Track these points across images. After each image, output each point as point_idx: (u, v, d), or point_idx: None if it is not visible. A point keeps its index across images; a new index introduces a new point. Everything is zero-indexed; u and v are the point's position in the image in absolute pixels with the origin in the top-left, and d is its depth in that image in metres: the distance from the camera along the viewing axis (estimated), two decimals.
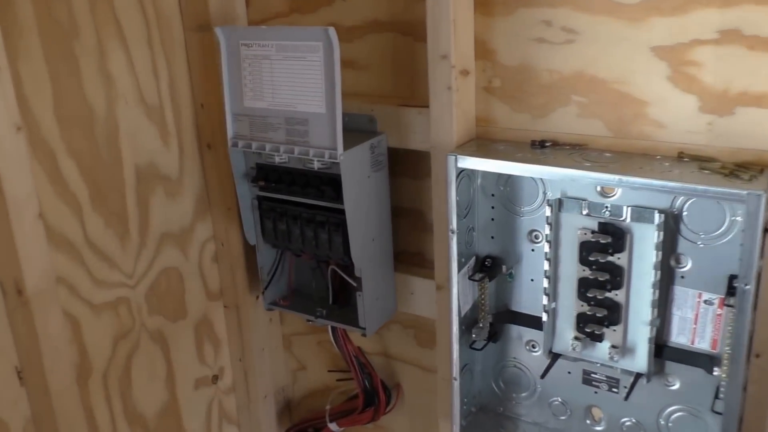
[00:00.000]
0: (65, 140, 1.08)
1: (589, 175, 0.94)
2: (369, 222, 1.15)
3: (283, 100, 1.10)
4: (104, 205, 1.16)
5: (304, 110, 1.08)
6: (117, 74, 1.14)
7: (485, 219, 1.13)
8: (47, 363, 1.07)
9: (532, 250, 1.11)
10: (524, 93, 1.05)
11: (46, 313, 1.06)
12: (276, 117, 1.11)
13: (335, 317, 1.25)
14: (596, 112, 1.00)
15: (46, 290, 1.06)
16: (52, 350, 1.07)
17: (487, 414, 1.24)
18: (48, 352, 1.07)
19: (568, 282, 1.08)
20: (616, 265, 1.03)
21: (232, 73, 1.13)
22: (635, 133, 0.98)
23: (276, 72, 1.09)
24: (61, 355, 1.09)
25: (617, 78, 0.97)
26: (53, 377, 1.08)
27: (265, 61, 1.09)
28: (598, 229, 1.03)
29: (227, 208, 1.31)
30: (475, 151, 1.05)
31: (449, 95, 1.04)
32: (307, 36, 1.04)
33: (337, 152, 1.06)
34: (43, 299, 1.05)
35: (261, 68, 1.10)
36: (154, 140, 1.22)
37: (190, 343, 1.36)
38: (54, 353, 1.08)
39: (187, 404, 1.37)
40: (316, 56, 1.04)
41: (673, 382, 1.06)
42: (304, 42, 1.05)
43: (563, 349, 1.11)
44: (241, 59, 1.12)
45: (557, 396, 1.17)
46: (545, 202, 1.06)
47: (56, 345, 1.08)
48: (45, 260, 1.05)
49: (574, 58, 0.99)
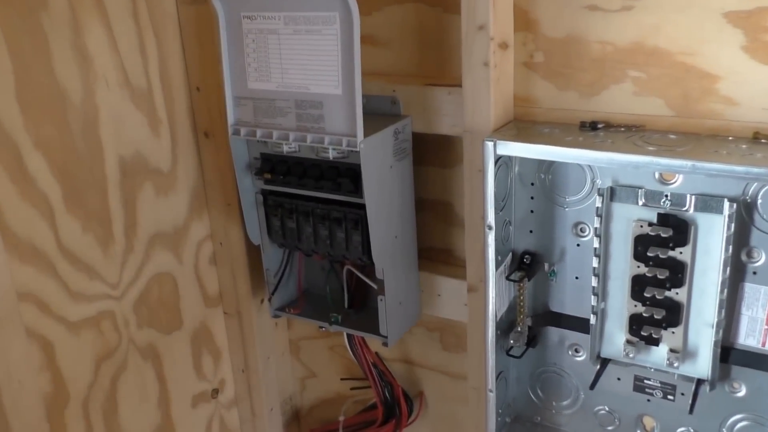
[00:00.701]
0: (31, 130, 0.91)
1: (659, 161, 0.80)
2: (392, 217, 1.00)
3: (293, 81, 0.94)
4: (81, 206, 0.99)
5: (317, 92, 0.92)
6: (95, 52, 0.97)
7: (523, 211, 0.99)
8: (7, 400, 0.90)
9: (577, 245, 0.97)
10: (571, 68, 0.90)
11: (4, 337, 0.89)
12: (285, 100, 0.95)
13: (352, 324, 1.10)
14: (656, 88, 0.86)
15: (5, 310, 0.88)
16: (14, 383, 0.90)
17: (523, 424, 1.10)
18: (8, 386, 0.90)
19: (619, 280, 0.94)
20: (677, 260, 0.89)
21: (232, 51, 0.97)
22: (702, 111, 0.84)
23: (285, 48, 0.93)
24: (25, 388, 0.92)
25: (683, 49, 0.83)
26: (16, 416, 0.91)
27: (272, 36, 0.93)
28: (657, 220, 0.89)
29: (227, 204, 1.15)
30: (516, 135, 0.90)
31: (486, 72, 0.89)
32: (322, 5, 0.88)
33: (356, 139, 0.91)
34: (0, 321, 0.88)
35: (267, 44, 0.94)
36: (141, 128, 1.06)
37: (187, 356, 1.20)
38: (16, 387, 0.91)
39: (184, 424, 1.21)
40: (332, 29, 0.88)
41: (738, 388, 0.93)
42: (318, 12, 0.89)
43: (613, 353, 0.98)
44: (243, 34, 0.95)
45: (604, 405, 1.03)
46: (595, 191, 0.92)
47: (19, 376, 0.91)
48: (3, 275, 0.88)
49: (632, 27, 0.85)
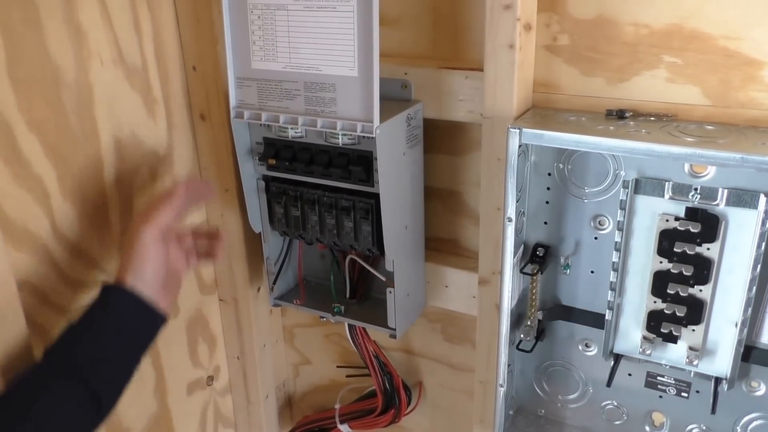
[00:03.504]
0: (24, 110, 0.77)
1: (704, 153, 0.68)
2: (403, 207, 0.88)
3: (303, 62, 0.80)
4: (77, 190, 0.85)
5: (330, 73, 0.79)
6: (89, 27, 0.82)
7: (538, 202, 0.87)
8: None
9: (595, 238, 0.85)
10: (599, 53, 0.78)
11: (5, 327, 0.75)
12: (293, 82, 0.81)
13: (355, 315, 0.98)
14: (693, 75, 0.74)
15: (5, 299, 0.75)
16: (14, 372, 0.77)
17: (526, 417, 0.99)
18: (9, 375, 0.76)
19: (638, 275, 0.83)
20: (703, 257, 0.78)
21: (235, 28, 0.83)
22: (742, 100, 0.73)
23: (294, 25, 0.79)
24: None
25: (727, 33, 0.71)
26: None
27: (280, 12, 0.79)
28: (685, 215, 0.78)
29: (224, 190, 1.01)
30: (542, 123, 0.78)
31: (511, 55, 0.76)
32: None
33: (372, 125, 0.78)
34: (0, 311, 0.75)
35: (274, 21, 0.80)
36: (136, 109, 0.91)
37: (183, 344, 1.06)
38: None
39: (179, 412, 1.08)
40: (348, 5, 0.74)
41: (757, 387, 0.83)
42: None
43: (627, 349, 0.87)
44: (248, 9, 0.81)
45: (612, 399, 0.93)
46: (618, 182, 0.80)
47: (19, 365, 0.77)
48: (2, 262, 0.74)
49: (671, 7, 0.73)
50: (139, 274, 0.78)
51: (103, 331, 0.75)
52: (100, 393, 0.73)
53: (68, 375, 0.72)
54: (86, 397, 0.72)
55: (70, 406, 0.71)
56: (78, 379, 0.72)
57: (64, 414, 0.71)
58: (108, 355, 0.75)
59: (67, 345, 0.74)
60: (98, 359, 0.74)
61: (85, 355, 0.73)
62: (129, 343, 0.77)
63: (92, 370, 0.73)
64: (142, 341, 0.79)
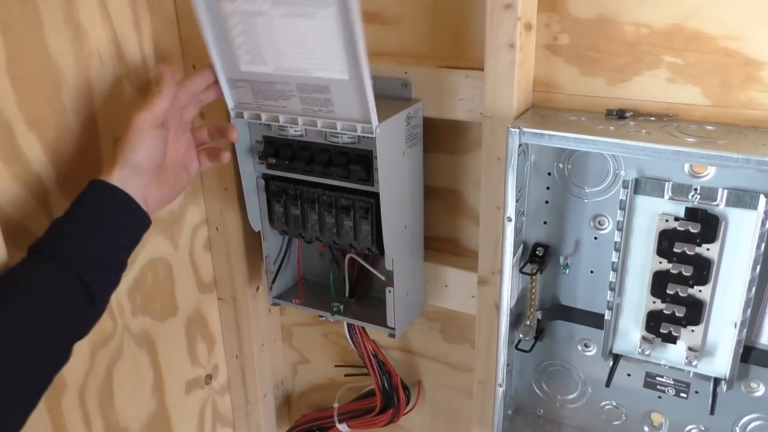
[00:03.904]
0: (24, 108, 0.76)
1: (704, 153, 0.68)
2: (403, 206, 0.88)
3: (291, 65, 0.78)
4: (76, 189, 0.82)
5: (321, 76, 0.77)
6: (89, 26, 0.82)
7: (538, 201, 0.87)
8: None
9: (594, 238, 0.86)
10: (600, 52, 0.78)
11: None
12: (285, 83, 0.80)
13: (354, 314, 0.98)
14: (693, 75, 0.75)
15: None
16: None
17: (525, 417, 0.99)
18: None
19: (638, 275, 0.84)
20: (703, 257, 0.78)
21: (216, 33, 0.80)
22: (742, 100, 0.73)
23: (277, 31, 0.77)
24: None
25: (728, 33, 0.71)
26: None
27: (260, 18, 0.76)
28: (685, 215, 0.78)
29: (224, 188, 1.01)
30: (542, 122, 0.78)
31: (512, 55, 0.76)
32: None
33: (371, 125, 0.78)
34: None
35: (255, 27, 0.77)
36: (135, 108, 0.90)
37: (181, 342, 1.06)
38: None
39: (178, 410, 1.08)
40: (328, 11, 0.72)
41: (756, 388, 0.83)
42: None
43: (626, 350, 0.88)
44: (226, 17, 0.78)
45: (611, 399, 0.93)
46: (618, 182, 0.80)
47: None
48: (0, 261, 0.74)
49: (672, 7, 0.73)
50: (129, 163, 0.74)
51: (86, 227, 0.71)
52: (92, 286, 0.69)
53: (59, 267, 0.68)
54: (79, 288, 0.68)
55: (65, 294, 0.68)
56: (69, 270, 0.68)
57: (59, 302, 0.68)
58: (94, 250, 0.71)
59: (53, 239, 0.70)
60: (86, 252, 0.70)
61: (73, 249, 0.69)
62: (113, 240, 0.73)
63: (81, 262, 0.69)
64: (127, 239, 0.75)
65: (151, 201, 0.77)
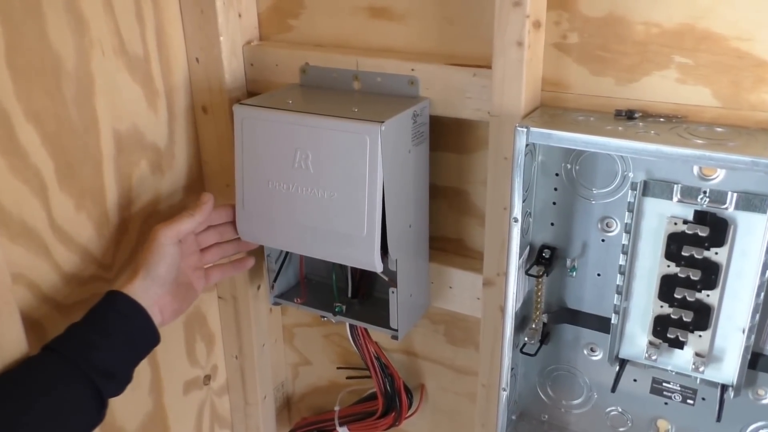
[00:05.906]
0: (23, 99, 0.78)
1: (713, 155, 0.69)
2: (408, 205, 0.89)
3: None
4: (75, 182, 0.86)
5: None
6: (90, 16, 0.83)
7: (545, 203, 0.88)
8: None
9: (602, 240, 0.86)
10: (609, 52, 0.79)
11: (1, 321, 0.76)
12: None
13: (357, 315, 0.99)
14: (704, 76, 0.75)
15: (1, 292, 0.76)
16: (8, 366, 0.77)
17: (529, 422, 1.00)
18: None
19: (645, 279, 0.84)
20: (711, 261, 0.79)
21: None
22: (753, 102, 0.74)
23: None
24: None
25: (740, 33, 0.72)
26: None
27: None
28: (694, 218, 0.79)
29: (225, 185, 1.02)
30: (550, 122, 0.79)
31: (520, 53, 0.77)
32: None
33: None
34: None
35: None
36: (137, 101, 0.92)
37: (180, 342, 1.08)
38: None
39: (175, 411, 1.09)
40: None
41: (764, 395, 0.84)
42: None
43: (633, 354, 0.88)
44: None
45: (617, 405, 0.94)
46: (626, 184, 0.81)
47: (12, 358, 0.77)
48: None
49: (683, 7, 0.74)
50: (151, 274, 0.82)
51: (105, 334, 0.78)
52: (105, 397, 0.76)
53: (82, 378, 0.74)
54: (90, 396, 0.74)
55: (77, 402, 0.73)
56: (85, 377, 0.74)
57: (76, 409, 0.73)
58: (110, 359, 0.77)
59: (72, 344, 0.76)
60: (103, 361, 0.76)
61: (91, 356, 0.75)
62: (128, 351, 0.80)
63: (98, 370, 0.75)
64: (140, 356, 0.83)
65: (167, 312, 0.86)
